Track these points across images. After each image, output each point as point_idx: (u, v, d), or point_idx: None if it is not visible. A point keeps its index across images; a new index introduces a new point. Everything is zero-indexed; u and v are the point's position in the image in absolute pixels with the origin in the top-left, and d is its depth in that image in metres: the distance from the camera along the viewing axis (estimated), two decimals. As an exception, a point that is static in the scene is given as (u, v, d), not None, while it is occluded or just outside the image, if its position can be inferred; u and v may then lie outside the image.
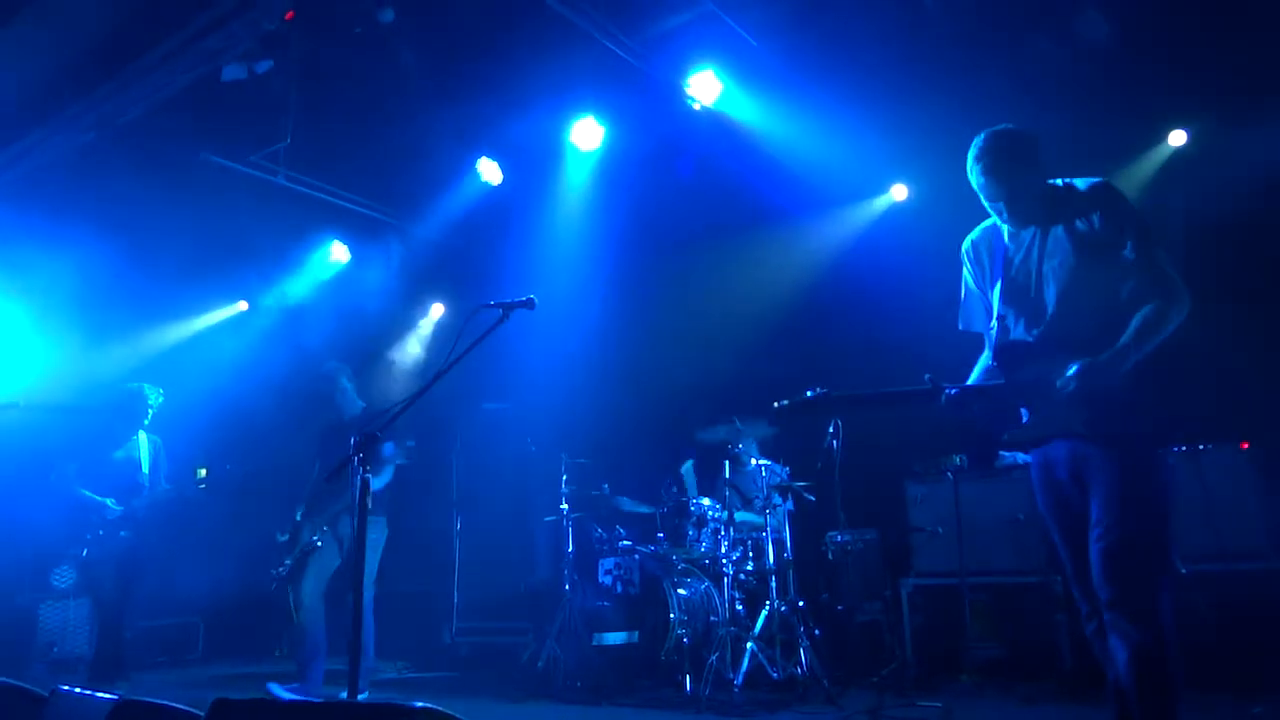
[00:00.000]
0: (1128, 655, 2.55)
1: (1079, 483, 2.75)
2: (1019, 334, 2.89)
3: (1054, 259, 2.82)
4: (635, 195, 7.38)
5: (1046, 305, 2.82)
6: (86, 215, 6.64)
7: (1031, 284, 2.86)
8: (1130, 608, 2.56)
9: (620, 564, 5.73)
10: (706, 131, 6.42)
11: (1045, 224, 2.86)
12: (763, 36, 5.66)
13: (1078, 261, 2.77)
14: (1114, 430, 2.64)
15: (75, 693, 2.50)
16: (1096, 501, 2.66)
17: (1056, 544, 2.90)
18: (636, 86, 6.09)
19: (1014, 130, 2.85)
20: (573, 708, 5.19)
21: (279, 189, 7.06)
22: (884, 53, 5.54)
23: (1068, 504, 2.80)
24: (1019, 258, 2.91)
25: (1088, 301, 2.75)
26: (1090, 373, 2.63)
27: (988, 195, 2.87)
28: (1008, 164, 2.80)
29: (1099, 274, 2.74)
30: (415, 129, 6.58)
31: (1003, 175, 2.81)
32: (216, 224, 7.25)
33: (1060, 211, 2.83)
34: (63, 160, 6.11)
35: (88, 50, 5.19)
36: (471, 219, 7.83)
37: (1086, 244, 2.76)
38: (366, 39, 5.42)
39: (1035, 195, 2.84)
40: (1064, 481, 2.79)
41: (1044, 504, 2.91)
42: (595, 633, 5.57)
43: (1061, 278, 2.79)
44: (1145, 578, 2.58)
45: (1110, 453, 2.64)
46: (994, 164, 2.82)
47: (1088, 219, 2.77)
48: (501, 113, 6.51)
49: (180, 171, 6.58)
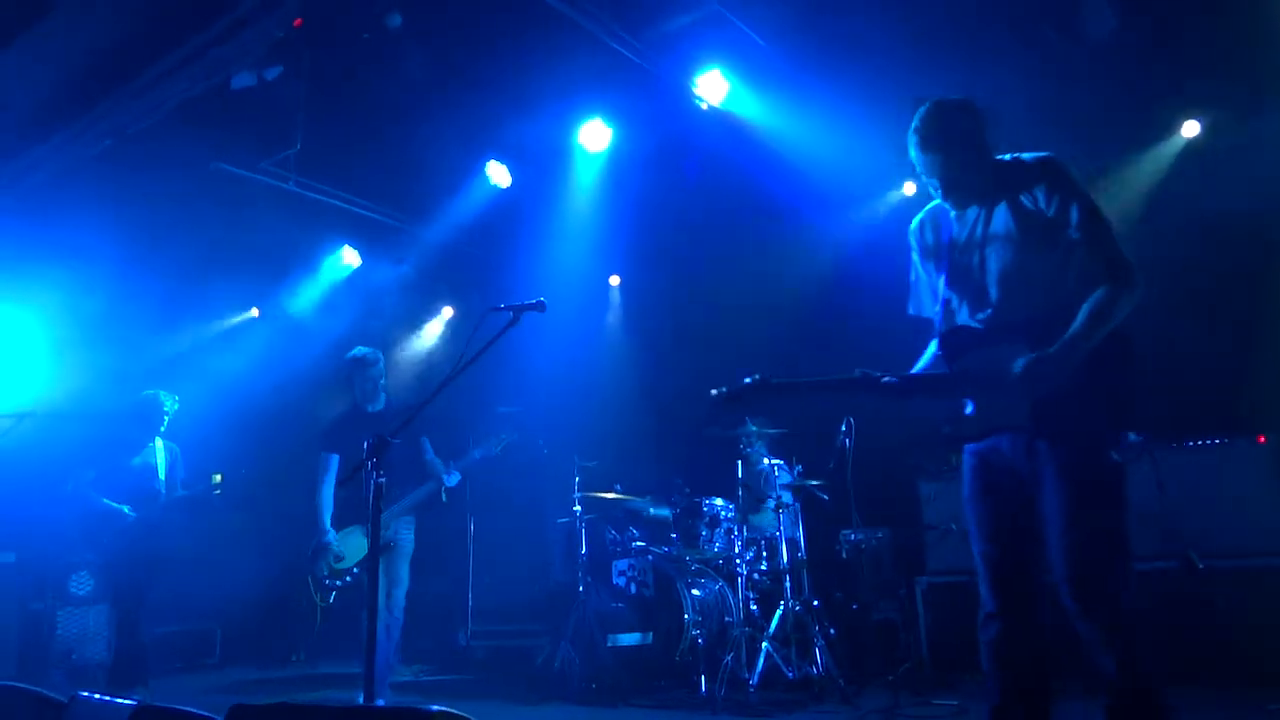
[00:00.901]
0: (1112, 673, 2.46)
1: (1018, 480, 2.62)
2: (964, 319, 2.76)
3: (998, 239, 2.67)
4: (644, 196, 7.39)
5: (990, 288, 2.68)
6: (98, 224, 6.69)
7: (975, 266, 2.72)
8: (1098, 617, 2.47)
9: (634, 565, 5.73)
10: (714, 131, 6.42)
11: (990, 202, 2.71)
12: (770, 36, 5.66)
13: (1023, 241, 2.63)
14: (1063, 425, 2.52)
15: (95, 699, 2.52)
16: (1048, 504, 2.54)
17: (974, 536, 2.74)
18: (644, 87, 6.09)
19: (956, 101, 2.70)
20: (588, 709, 5.20)
21: (290, 195, 7.10)
22: (891, 47, 5.52)
23: (1004, 501, 2.67)
24: (963, 238, 2.77)
25: (1034, 284, 2.62)
26: (1039, 366, 2.49)
27: (926, 170, 2.73)
28: (945, 137, 2.65)
29: (1045, 255, 2.61)
30: (424, 133, 6.60)
31: (941, 149, 2.66)
32: (228, 232, 7.30)
33: (1005, 189, 2.68)
34: (75, 170, 6.15)
35: (99, 60, 5.22)
36: (481, 222, 7.85)
37: (1032, 223, 2.62)
38: (374, 45, 5.44)
39: (978, 171, 2.69)
40: (1003, 479, 2.66)
41: (973, 497, 2.75)
42: (610, 634, 5.57)
43: (1006, 259, 2.65)
44: (1107, 582, 2.47)
45: (1058, 449, 2.53)
46: (933, 137, 2.67)
47: (1033, 196, 2.62)
48: (509, 115, 6.52)
49: (191, 180, 6.62)
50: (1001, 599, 2.67)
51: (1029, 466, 2.60)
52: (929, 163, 2.71)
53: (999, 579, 2.68)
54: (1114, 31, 5.08)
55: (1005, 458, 2.66)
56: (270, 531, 7.62)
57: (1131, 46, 5.27)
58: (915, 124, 2.71)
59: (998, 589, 2.68)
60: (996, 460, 2.68)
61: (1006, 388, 2.55)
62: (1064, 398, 2.51)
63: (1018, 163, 2.70)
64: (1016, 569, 2.65)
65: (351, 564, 5.20)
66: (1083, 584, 2.49)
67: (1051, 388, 2.50)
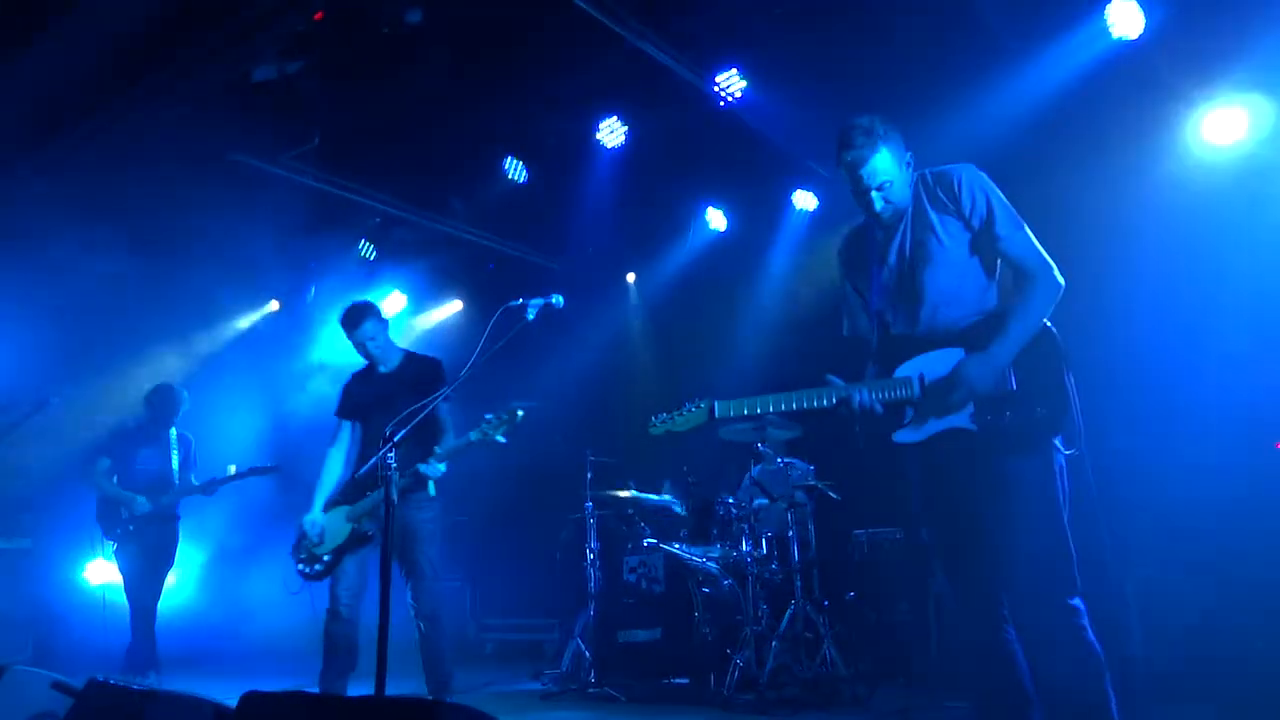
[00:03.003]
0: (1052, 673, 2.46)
1: (963, 482, 2.65)
2: (900, 329, 2.83)
3: (924, 249, 2.76)
4: (660, 193, 7.38)
5: (921, 298, 2.76)
6: (118, 217, 6.76)
7: (905, 277, 2.81)
8: (1043, 624, 2.48)
9: (645, 562, 5.73)
10: (732, 128, 6.39)
11: (914, 212, 2.80)
12: (788, 31, 5.63)
13: (949, 249, 2.73)
14: (999, 422, 2.58)
15: (110, 684, 2.55)
16: (988, 504, 2.57)
17: (930, 542, 2.80)
18: (662, 83, 6.07)
19: (876, 116, 2.77)
20: (597, 705, 5.21)
21: (309, 189, 7.13)
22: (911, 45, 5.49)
23: (952, 505, 2.70)
24: (892, 251, 2.84)
25: (963, 290, 2.72)
26: (974, 368, 2.58)
27: (853, 184, 2.78)
28: (871, 152, 2.71)
29: (971, 261, 2.73)
30: (442, 128, 6.62)
31: (867, 163, 2.72)
32: (247, 225, 7.35)
33: (928, 199, 2.78)
34: (93, 163, 6.20)
35: (120, 54, 5.26)
36: (500, 217, 7.86)
37: (956, 230, 2.73)
38: (394, 39, 5.46)
39: (902, 183, 2.77)
40: (948, 481, 2.70)
41: (923, 504, 2.81)
42: (620, 630, 5.57)
43: (934, 268, 2.74)
44: (1049, 586, 2.47)
45: (996, 446, 2.57)
46: (858, 152, 2.72)
47: (956, 204, 2.72)
48: (529, 110, 6.52)
49: (211, 172, 6.67)
50: (966, 601, 2.70)
51: (971, 467, 2.63)
52: (857, 177, 2.76)
53: (959, 582, 2.72)
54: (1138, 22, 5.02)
55: (948, 460, 2.69)
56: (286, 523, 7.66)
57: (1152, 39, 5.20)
58: (842, 141, 2.76)
59: (960, 592, 2.73)
60: (940, 463, 2.72)
61: (948, 394, 2.62)
62: (1002, 397, 2.58)
63: (938, 174, 2.80)
64: (974, 570, 2.66)
65: (329, 548, 4.45)
66: (1019, 586, 2.52)
67: (988, 388, 2.58)
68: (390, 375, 4.67)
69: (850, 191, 2.82)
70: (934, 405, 2.68)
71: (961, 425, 2.64)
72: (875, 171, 2.72)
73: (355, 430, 4.72)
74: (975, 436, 2.62)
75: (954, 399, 2.62)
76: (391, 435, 3.24)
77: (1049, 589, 2.48)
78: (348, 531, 4.42)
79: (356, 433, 4.71)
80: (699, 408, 2.93)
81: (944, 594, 5.47)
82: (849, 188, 2.81)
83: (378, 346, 4.63)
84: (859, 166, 2.73)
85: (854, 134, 2.73)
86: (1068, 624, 2.46)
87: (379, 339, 4.62)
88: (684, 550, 5.74)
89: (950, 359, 2.66)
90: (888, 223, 2.84)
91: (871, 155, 2.71)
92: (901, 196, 2.78)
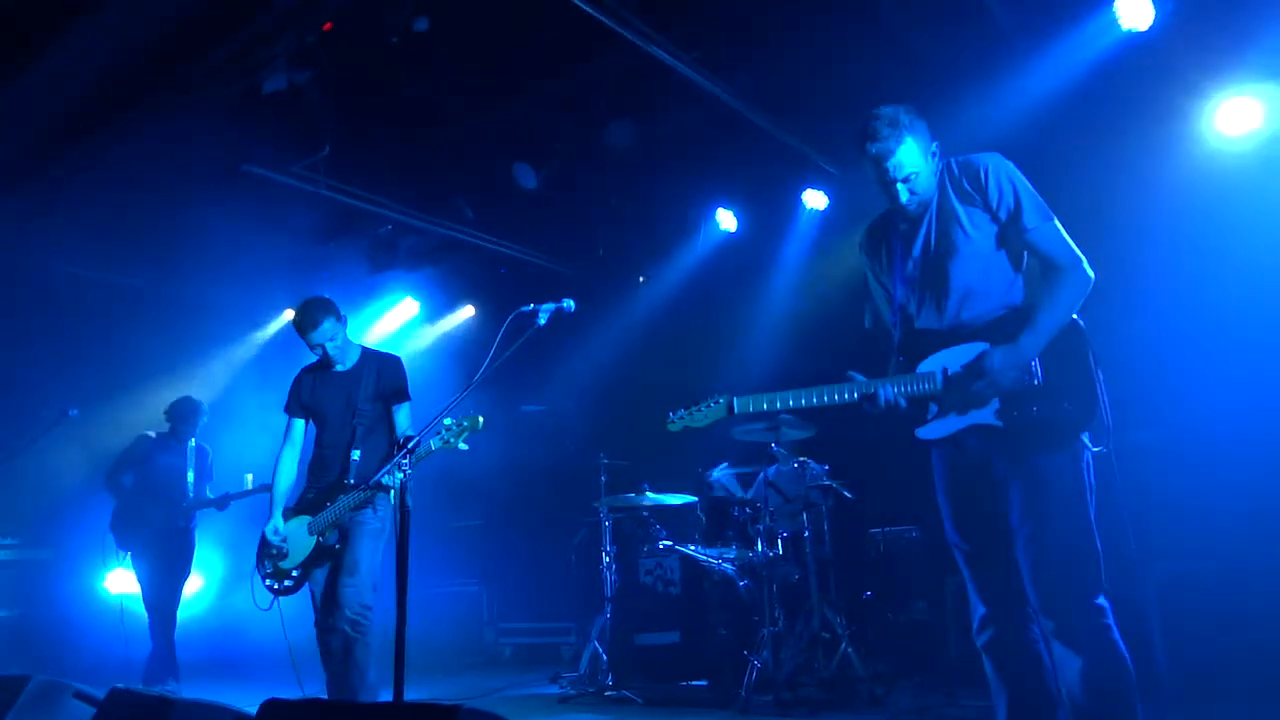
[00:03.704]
0: (1077, 672, 2.42)
1: (988, 478, 2.62)
2: (925, 322, 2.78)
3: (950, 239, 2.70)
4: (671, 194, 7.38)
5: (947, 291, 2.71)
6: (132, 231, 6.82)
7: (930, 270, 2.75)
8: (1070, 623, 2.44)
9: (661, 564, 5.73)
10: (742, 128, 6.38)
11: (939, 204, 2.74)
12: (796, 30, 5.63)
13: (976, 241, 2.67)
14: (1026, 417, 2.53)
15: (132, 692, 2.57)
16: (1015, 500, 2.54)
17: (951, 538, 2.75)
18: (670, 84, 6.07)
19: (901, 107, 2.72)
20: (615, 708, 5.21)
21: (321, 199, 7.18)
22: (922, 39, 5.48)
23: (977, 502, 2.67)
24: (917, 242, 2.79)
25: (989, 283, 2.66)
26: (1002, 361, 2.53)
27: (878, 176, 2.73)
28: (894, 142, 2.66)
29: (998, 253, 2.67)
30: (452, 136, 6.64)
31: (890, 154, 2.66)
32: (261, 235, 7.41)
33: (953, 189, 2.72)
34: (105, 177, 6.25)
35: (130, 66, 5.31)
36: (510, 222, 7.88)
37: (982, 221, 2.67)
38: (402, 48, 5.49)
39: (927, 174, 2.71)
40: (973, 478, 2.67)
41: (945, 498, 2.78)
42: (637, 633, 5.58)
43: (960, 260, 2.68)
44: (1078, 585, 2.45)
45: (1023, 442, 2.54)
46: (884, 144, 2.67)
47: (982, 195, 2.66)
48: (538, 117, 6.54)
49: (223, 184, 6.72)
50: (990, 600, 2.67)
51: (997, 464, 2.60)
52: (882, 169, 2.70)
53: (983, 579, 2.69)
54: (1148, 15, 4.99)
55: (973, 456, 2.67)
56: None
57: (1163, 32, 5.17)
58: (865, 133, 2.71)
59: (984, 590, 2.69)
60: (964, 459, 2.70)
61: (972, 385, 2.58)
62: (1028, 392, 2.54)
63: (964, 163, 2.74)
64: (1000, 568, 2.63)
65: (295, 564, 4.18)
66: (1046, 585, 2.48)
67: (1015, 383, 2.53)
68: (349, 374, 4.37)
69: (874, 183, 2.77)
70: (957, 399, 2.63)
71: (987, 421, 2.59)
72: (901, 164, 2.67)
73: (309, 429, 4.44)
74: (1001, 432, 2.58)
75: (977, 388, 2.57)
76: (406, 441, 3.22)
77: (1076, 588, 2.45)
78: (312, 545, 4.16)
79: (310, 432, 4.43)
80: (717, 403, 2.91)
81: (963, 592, 5.45)
82: (873, 179, 2.75)
83: (336, 347, 4.31)
84: (885, 159, 2.67)
85: (879, 125, 2.67)
86: (1094, 624, 2.43)
87: (338, 339, 4.30)
88: (699, 552, 5.74)
89: (975, 353, 2.61)
90: (913, 214, 2.79)
91: (897, 147, 2.65)
92: (927, 188, 2.72)
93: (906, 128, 2.67)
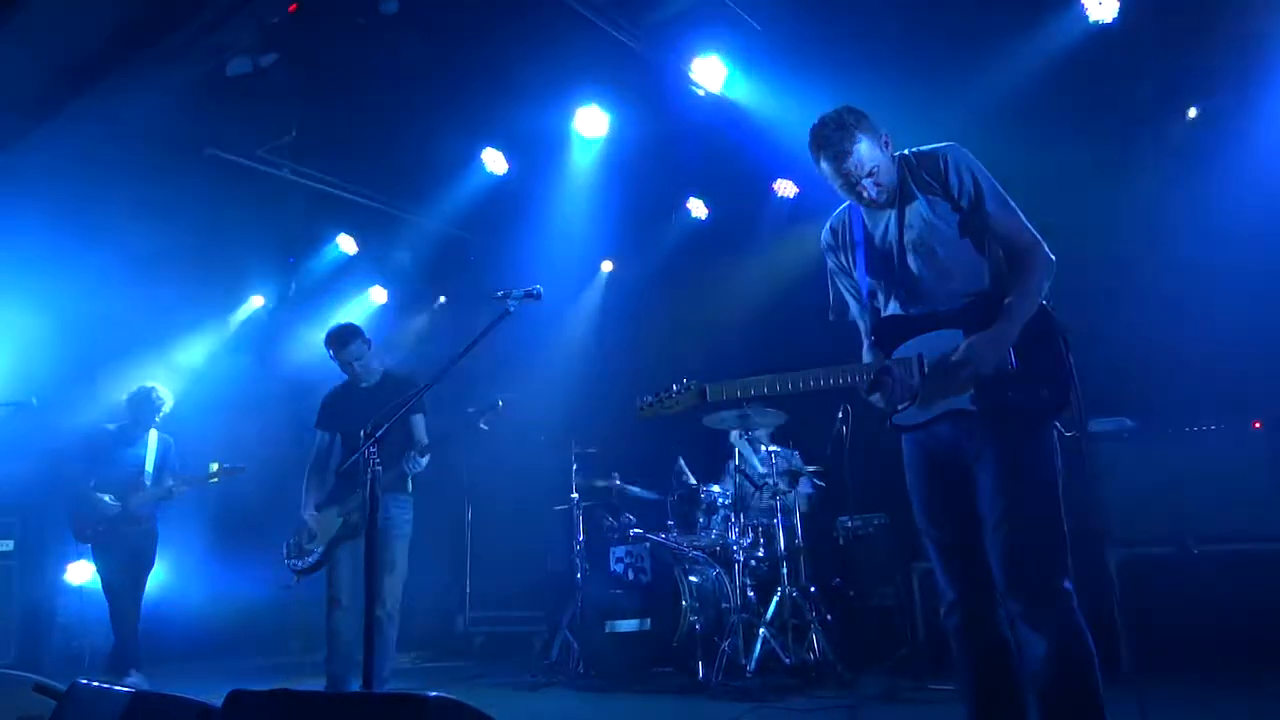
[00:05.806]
0: (1042, 655, 2.45)
1: (961, 464, 2.65)
2: (892, 310, 2.81)
3: (914, 229, 2.72)
4: (640, 182, 7.36)
5: (914, 281, 2.73)
6: (93, 215, 6.67)
7: (895, 261, 2.77)
8: (1036, 606, 2.48)
9: (632, 552, 5.74)
10: (712, 117, 6.38)
11: (901, 196, 2.76)
12: (767, 20, 5.62)
13: (939, 227, 2.69)
14: (1001, 403, 2.56)
15: (93, 686, 2.53)
16: (985, 485, 2.57)
17: (921, 523, 2.78)
18: (640, 73, 6.05)
19: (849, 108, 2.73)
20: (586, 695, 5.22)
21: (286, 183, 7.07)
22: (893, 31, 5.49)
23: (949, 488, 2.69)
24: (879, 232, 2.82)
25: (955, 271, 2.68)
26: (981, 345, 2.55)
27: (842, 180, 2.73)
28: (852, 143, 2.67)
29: (962, 241, 2.69)
30: (420, 120, 6.57)
31: (850, 155, 2.67)
32: (224, 220, 7.28)
33: (913, 180, 2.74)
34: (66, 159, 6.11)
35: (91, 47, 5.18)
36: (476, 209, 7.82)
37: (944, 210, 2.69)
38: (369, 30, 5.41)
39: (887, 165, 2.73)
40: (945, 464, 2.69)
41: (917, 483, 2.79)
42: (608, 621, 5.59)
43: (925, 251, 2.70)
44: (1046, 569, 2.48)
45: (997, 428, 2.56)
46: (839, 146, 2.67)
47: (942, 184, 2.69)
48: (506, 102, 6.48)
49: (187, 168, 6.59)
50: (959, 585, 2.70)
51: (970, 449, 2.63)
52: (839, 169, 2.71)
53: (952, 565, 2.72)
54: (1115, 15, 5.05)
55: (947, 442, 2.69)
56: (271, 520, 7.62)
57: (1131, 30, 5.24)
58: (814, 139, 2.73)
59: (953, 575, 2.72)
60: (938, 446, 2.72)
61: (949, 371, 2.60)
62: (1004, 378, 2.56)
63: (921, 155, 2.76)
64: (968, 553, 2.66)
65: (321, 543, 4.67)
66: (1014, 570, 2.51)
67: (990, 369, 2.56)
68: (371, 390, 4.85)
69: (840, 189, 2.77)
70: (935, 387, 2.65)
71: (962, 407, 2.61)
72: (862, 161, 2.68)
73: (336, 442, 4.94)
74: (976, 417, 2.60)
75: (961, 377, 2.58)
76: (373, 432, 3.24)
77: (1044, 573, 2.48)
78: (339, 524, 4.63)
79: (337, 444, 4.92)
80: (689, 389, 2.89)
81: (930, 578, 5.51)
82: (838, 186, 2.76)
83: (363, 365, 4.84)
84: (844, 160, 2.68)
85: (828, 130, 2.69)
86: (1060, 607, 2.46)
87: (364, 359, 4.84)
88: (671, 539, 5.75)
89: (947, 340, 2.63)
90: (880, 206, 2.80)
91: (853, 146, 2.67)
92: (890, 178, 2.74)
93: (855, 125, 2.69)
